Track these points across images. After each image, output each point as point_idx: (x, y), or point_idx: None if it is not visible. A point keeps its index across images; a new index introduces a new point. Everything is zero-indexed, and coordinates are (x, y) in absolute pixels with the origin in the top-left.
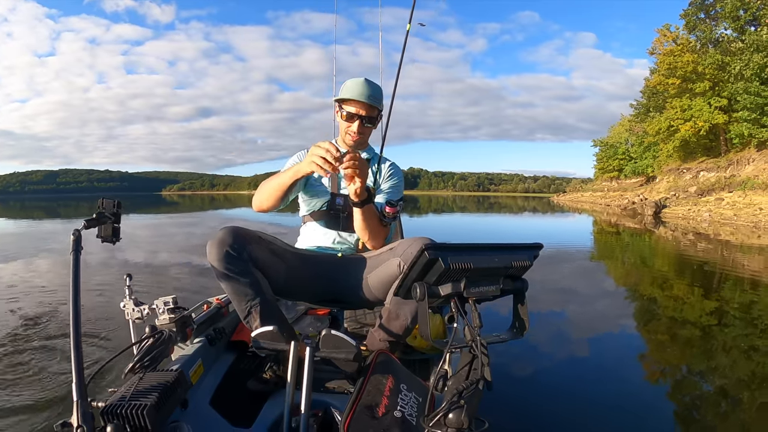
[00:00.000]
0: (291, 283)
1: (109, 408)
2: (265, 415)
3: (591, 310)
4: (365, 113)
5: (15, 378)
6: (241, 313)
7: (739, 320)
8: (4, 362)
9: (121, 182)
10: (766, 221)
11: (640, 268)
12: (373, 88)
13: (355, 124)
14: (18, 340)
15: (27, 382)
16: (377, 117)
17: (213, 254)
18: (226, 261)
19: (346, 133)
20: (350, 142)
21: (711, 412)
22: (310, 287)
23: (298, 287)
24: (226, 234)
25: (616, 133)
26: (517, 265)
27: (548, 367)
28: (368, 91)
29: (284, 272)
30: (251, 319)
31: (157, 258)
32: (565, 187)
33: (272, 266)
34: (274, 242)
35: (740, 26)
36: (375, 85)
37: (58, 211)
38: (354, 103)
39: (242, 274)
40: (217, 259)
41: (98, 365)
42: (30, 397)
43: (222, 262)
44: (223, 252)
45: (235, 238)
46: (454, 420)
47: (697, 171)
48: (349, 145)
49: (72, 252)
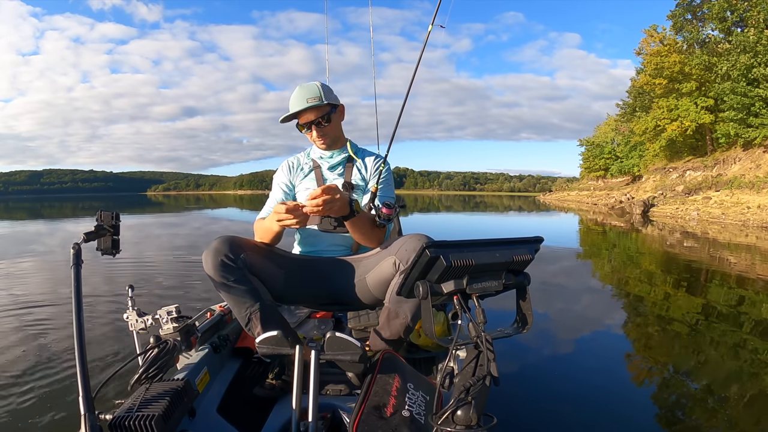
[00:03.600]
0: (289, 288)
1: (117, 420)
2: (273, 420)
3: (592, 308)
4: (314, 116)
5: (20, 392)
6: (242, 321)
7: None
8: (7, 375)
9: (105, 182)
10: (754, 220)
11: (637, 266)
12: (309, 89)
13: (313, 131)
14: (21, 354)
15: (33, 396)
16: (331, 112)
17: (209, 264)
18: (222, 270)
19: (312, 141)
20: (322, 147)
21: (714, 410)
22: (309, 291)
23: (297, 292)
24: (220, 243)
25: (602, 132)
26: (518, 260)
27: (548, 366)
28: (305, 95)
29: (282, 278)
30: (252, 326)
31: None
32: (551, 186)
33: (269, 272)
34: (269, 248)
35: (727, 27)
36: (311, 85)
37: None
38: (300, 114)
39: (239, 282)
40: (213, 269)
41: (104, 377)
42: (36, 412)
43: (218, 271)
44: (218, 261)
45: (230, 247)
46: (462, 417)
47: (683, 170)
48: (322, 149)
49: (72, 266)
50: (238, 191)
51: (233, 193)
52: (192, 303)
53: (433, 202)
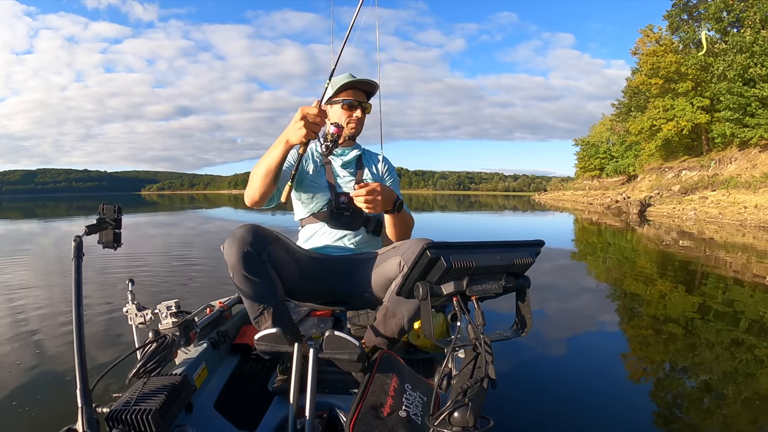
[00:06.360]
0: (302, 285)
1: (114, 413)
2: (270, 417)
3: (592, 308)
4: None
5: (17, 384)
6: (252, 314)
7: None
8: (5, 367)
9: (99, 182)
10: (752, 219)
11: (641, 264)
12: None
13: (358, 110)
14: (19, 346)
15: (29, 387)
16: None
17: (232, 252)
18: (245, 260)
19: (347, 123)
20: (351, 131)
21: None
22: (319, 289)
23: (308, 289)
24: (246, 232)
25: (597, 132)
26: (518, 263)
27: (544, 367)
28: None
29: (297, 274)
30: (261, 320)
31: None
32: (545, 185)
33: (287, 268)
34: (288, 243)
35: (723, 28)
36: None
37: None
38: (353, 92)
39: (260, 275)
40: (236, 258)
41: (102, 369)
42: (33, 403)
43: (241, 262)
44: (242, 251)
45: (257, 237)
46: (459, 419)
47: (679, 170)
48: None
49: (73, 258)
50: (232, 191)
51: (228, 192)
52: (190, 299)
53: (428, 201)
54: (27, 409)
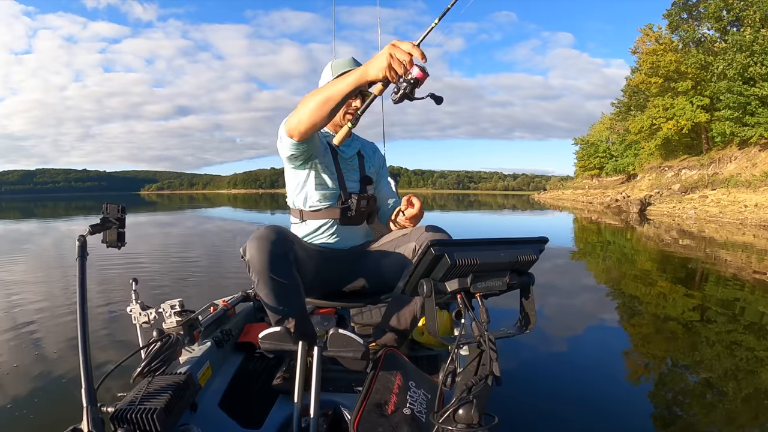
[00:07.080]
0: (315, 282)
1: (119, 413)
2: (275, 415)
3: (592, 307)
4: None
5: (22, 385)
6: (273, 316)
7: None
8: (9, 367)
9: (99, 182)
10: (752, 218)
11: (641, 264)
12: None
13: (358, 100)
14: (23, 345)
15: (34, 388)
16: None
17: (258, 253)
18: (273, 262)
19: (346, 112)
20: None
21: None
22: (332, 284)
23: (321, 285)
24: (271, 232)
25: (596, 131)
26: (523, 260)
27: (547, 364)
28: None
29: (313, 272)
30: (287, 322)
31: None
32: (545, 184)
33: (304, 266)
34: (302, 241)
35: (723, 27)
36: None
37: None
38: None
39: (285, 276)
40: (260, 259)
41: (106, 369)
42: (38, 404)
43: (267, 263)
44: (268, 251)
45: (282, 238)
46: (464, 416)
47: (678, 169)
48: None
49: (78, 258)
50: (231, 190)
51: (227, 192)
52: (193, 298)
53: (428, 200)
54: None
